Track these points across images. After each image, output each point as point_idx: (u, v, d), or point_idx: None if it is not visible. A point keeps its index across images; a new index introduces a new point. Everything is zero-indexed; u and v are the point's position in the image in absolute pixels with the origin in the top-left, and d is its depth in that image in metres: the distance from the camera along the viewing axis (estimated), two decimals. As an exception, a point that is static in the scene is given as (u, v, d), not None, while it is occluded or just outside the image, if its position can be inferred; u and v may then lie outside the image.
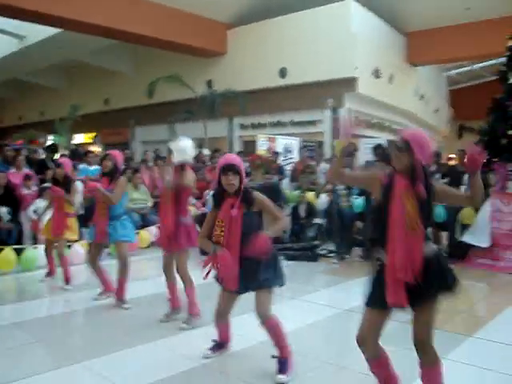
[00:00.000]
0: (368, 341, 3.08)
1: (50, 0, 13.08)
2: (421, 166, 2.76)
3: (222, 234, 3.56)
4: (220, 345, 4.10)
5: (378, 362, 3.16)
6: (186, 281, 4.92)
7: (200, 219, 6.20)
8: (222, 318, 3.93)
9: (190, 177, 4.88)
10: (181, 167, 4.81)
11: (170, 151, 4.83)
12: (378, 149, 8.78)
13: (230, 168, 3.55)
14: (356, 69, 14.78)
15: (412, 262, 2.74)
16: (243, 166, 3.70)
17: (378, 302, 2.94)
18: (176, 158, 4.79)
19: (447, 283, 2.95)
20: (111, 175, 5.53)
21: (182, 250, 4.91)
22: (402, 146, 2.79)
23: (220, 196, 3.65)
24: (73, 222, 6.68)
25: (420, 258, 2.75)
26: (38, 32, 18.20)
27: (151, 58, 19.11)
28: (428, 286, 2.87)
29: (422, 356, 3.19)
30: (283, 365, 3.63)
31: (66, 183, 6.43)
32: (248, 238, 3.47)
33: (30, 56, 19.91)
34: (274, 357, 3.66)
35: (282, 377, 3.58)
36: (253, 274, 3.59)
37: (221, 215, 3.59)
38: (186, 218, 4.93)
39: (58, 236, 6.52)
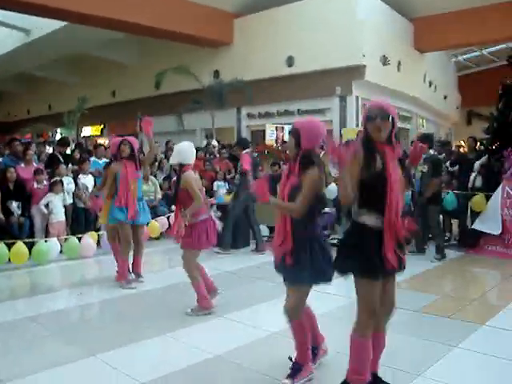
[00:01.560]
0: (378, 315, 3.06)
1: (55, -7, 13.07)
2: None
3: None
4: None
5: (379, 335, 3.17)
6: (191, 277, 4.98)
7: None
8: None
9: (187, 178, 4.93)
10: (179, 169, 5.01)
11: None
12: None
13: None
14: (363, 56, 14.67)
15: (403, 223, 2.90)
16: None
17: (378, 272, 2.91)
18: (172, 160, 5.13)
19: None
20: (133, 159, 5.96)
21: (186, 249, 4.97)
22: (385, 115, 2.92)
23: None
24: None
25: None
26: (43, 26, 18.25)
27: (157, 50, 19.06)
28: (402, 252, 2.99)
29: (384, 324, 3.18)
30: (294, 370, 3.45)
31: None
32: None
33: (37, 50, 19.94)
34: (290, 359, 3.52)
35: (286, 381, 3.40)
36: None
37: None
38: (195, 219, 4.92)
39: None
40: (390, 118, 2.95)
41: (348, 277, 3.01)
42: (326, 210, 9.16)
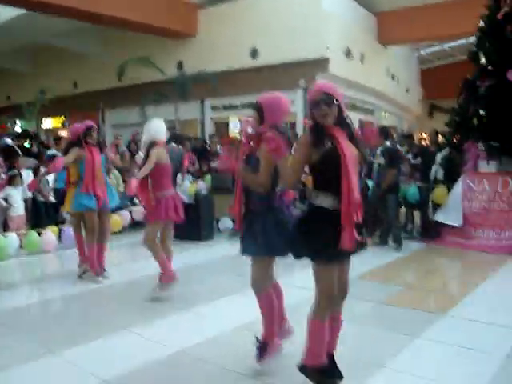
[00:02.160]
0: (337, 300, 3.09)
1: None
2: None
3: None
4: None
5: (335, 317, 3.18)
6: (153, 251, 5.15)
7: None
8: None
9: (154, 154, 5.06)
10: (149, 146, 5.11)
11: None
12: None
13: None
14: (328, 49, 14.73)
15: (360, 204, 2.87)
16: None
17: (336, 255, 2.90)
18: (144, 138, 5.24)
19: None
20: (98, 145, 6.01)
21: (148, 224, 5.21)
22: (330, 100, 2.87)
23: None
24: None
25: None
26: (1, 13, 17.66)
27: (120, 40, 18.72)
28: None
29: (341, 307, 3.20)
30: (260, 350, 3.46)
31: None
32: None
33: (-6, 38, 19.33)
34: (256, 338, 3.51)
35: (258, 364, 3.44)
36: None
37: None
38: (159, 193, 5.13)
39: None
40: (335, 101, 2.90)
41: (302, 260, 3.01)
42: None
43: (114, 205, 6.35)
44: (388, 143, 7.67)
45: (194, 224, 7.99)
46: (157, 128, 5.26)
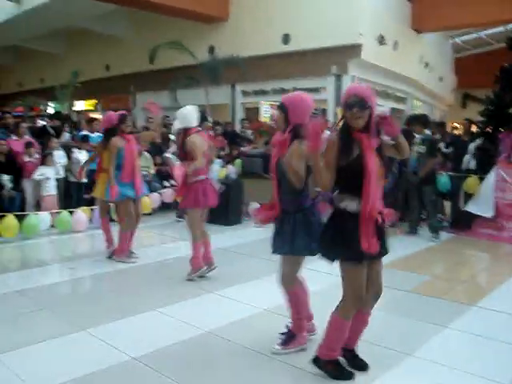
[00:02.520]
0: (366, 299, 3.14)
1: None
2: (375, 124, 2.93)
3: None
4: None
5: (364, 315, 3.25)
6: (192, 235, 5.21)
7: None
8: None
9: (192, 140, 5.06)
10: (184, 133, 5.12)
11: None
12: None
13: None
14: (360, 35, 14.52)
15: (383, 210, 2.99)
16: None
17: (362, 257, 2.95)
18: (176, 125, 5.23)
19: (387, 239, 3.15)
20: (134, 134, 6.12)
21: (187, 209, 5.25)
22: (363, 104, 2.88)
23: None
24: None
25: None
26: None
27: (152, 24, 18.76)
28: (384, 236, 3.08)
29: (371, 307, 3.26)
30: (287, 337, 3.55)
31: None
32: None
33: (28, 21, 19.54)
34: (287, 327, 3.62)
35: (277, 347, 3.52)
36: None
37: None
38: (194, 178, 5.10)
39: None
40: (368, 105, 2.91)
41: (334, 262, 3.05)
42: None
43: (146, 193, 6.42)
44: (428, 131, 7.58)
45: (223, 208, 8.01)
46: (190, 114, 5.21)
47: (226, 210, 8.24)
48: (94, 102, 24.58)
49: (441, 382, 3.20)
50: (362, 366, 3.30)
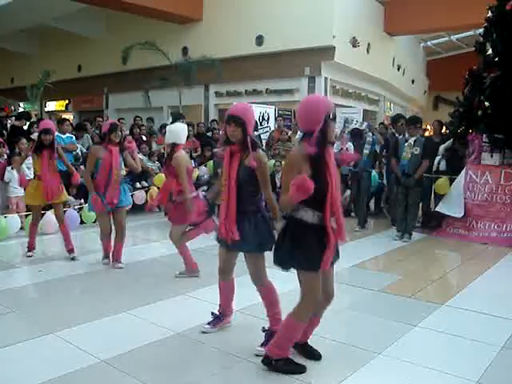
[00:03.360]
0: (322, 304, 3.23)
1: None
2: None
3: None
4: (219, 317, 3.98)
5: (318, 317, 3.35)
6: (179, 247, 5.36)
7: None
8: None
9: (179, 160, 5.19)
10: (172, 148, 5.24)
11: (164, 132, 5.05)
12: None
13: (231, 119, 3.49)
14: (334, 37, 14.64)
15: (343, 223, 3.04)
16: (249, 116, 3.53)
17: (320, 265, 2.99)
18: (168, 139, 5.32)
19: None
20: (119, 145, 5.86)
21: (175, 225, 5.32)
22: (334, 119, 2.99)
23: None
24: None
25: None
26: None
27: (125, 24, 18.63)
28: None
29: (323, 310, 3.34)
30: (268, 337, 3.50)
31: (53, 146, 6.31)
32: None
33: (-2, 19, 19.23)
34: (263, 330, 3.60)
35: (260, 349, 3.48)
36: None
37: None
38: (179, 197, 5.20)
39: (56, 200, 6.35)
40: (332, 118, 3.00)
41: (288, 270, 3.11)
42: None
43: (127, 203, 6.20)
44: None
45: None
46: (182, 132, 5.35)
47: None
48: (65, 102, 24.25)
49: (411, 380, 3.22)
50: (316, 355, 3.40)
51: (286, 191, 2.87)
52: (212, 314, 3.99)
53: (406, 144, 7.45)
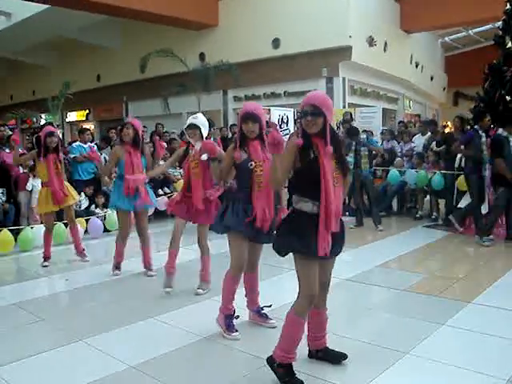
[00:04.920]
0: (318, 294, 3.19)
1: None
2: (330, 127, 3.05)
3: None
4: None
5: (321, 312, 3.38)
6: (208, 251, 5.15)
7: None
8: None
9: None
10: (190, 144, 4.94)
11: (192, 126, 4.78)
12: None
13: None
14: (350, 37, 14.59)
15: (339, 212, 3.06)
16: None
17: (315, 252, 3.00)
18: (205, 133, 4.88)
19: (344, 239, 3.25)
20: (135, 143, 5.70)
21: (204, 224, 5.00)
22: (315, 112, 2.99)
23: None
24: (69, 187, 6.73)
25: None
26: (24, 9, 17.92)
27: (142, 33, 18.80)
28: (340, 238, 3.17)
29: (324, 302, 3.37)
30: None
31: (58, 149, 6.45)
32: None
33: (19, 34, 19.59)
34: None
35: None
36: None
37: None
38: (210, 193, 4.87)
39: (65, 203, 6.48)
40: (322, 114, 3.00)
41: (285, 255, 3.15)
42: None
43: (150, 206, 6.21)
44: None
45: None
46: (204, 124, 4.95)
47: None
48: (85, 112, 24.56)
49: (439, 380, 3.20)
50: (340, 356, 3.39)
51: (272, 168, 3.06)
52: (236, 317, 4.04)
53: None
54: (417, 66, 20.27)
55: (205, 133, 4.87)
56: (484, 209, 7.49)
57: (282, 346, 3.16)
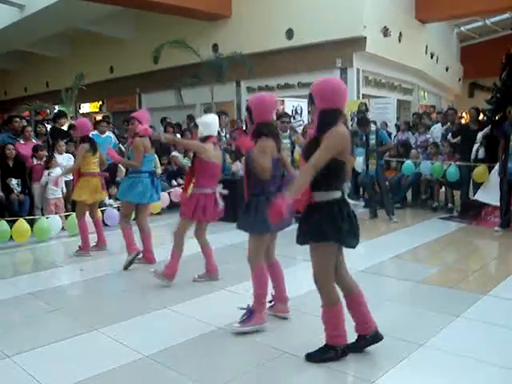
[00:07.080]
0: (344, 277, 3.31)
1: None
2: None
3: None
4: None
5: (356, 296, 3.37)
6: (175, 243, 5.13)
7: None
8: None
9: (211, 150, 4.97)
10: (203, 141, 4.97)
11: (196, 126, 4.92)
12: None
13: None
14: (364, 28, 14.45)
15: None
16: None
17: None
18: (201, 133, 5.00)
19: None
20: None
21: (181, 217, 5.07)
22: (309, 100, 3.23)
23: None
24: None
25: None
26: (37, 1, 17.99)
27: (154, 24, 18.77)
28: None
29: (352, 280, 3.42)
30: (247, 315, 3.80)
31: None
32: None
33: (32, 26, 19.61)
34: (242, 308, 3.85)
35: (236, 325, 3.79)
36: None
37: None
38: (198, 190, 4.98)
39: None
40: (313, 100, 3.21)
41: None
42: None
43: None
44: None
45: (231, 206, 7.99)
46: (213, 124, 5.04)
47: (234, 208, 8.20)
48: (98, 103, 24.65)
49: (455, 371, 3.18)
50: (380, 337, 3.41)
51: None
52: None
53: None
54: (432, 57, 20.05)
55: (205, 132, 4.98)
56: None
57: (329, 333, 3.26)
